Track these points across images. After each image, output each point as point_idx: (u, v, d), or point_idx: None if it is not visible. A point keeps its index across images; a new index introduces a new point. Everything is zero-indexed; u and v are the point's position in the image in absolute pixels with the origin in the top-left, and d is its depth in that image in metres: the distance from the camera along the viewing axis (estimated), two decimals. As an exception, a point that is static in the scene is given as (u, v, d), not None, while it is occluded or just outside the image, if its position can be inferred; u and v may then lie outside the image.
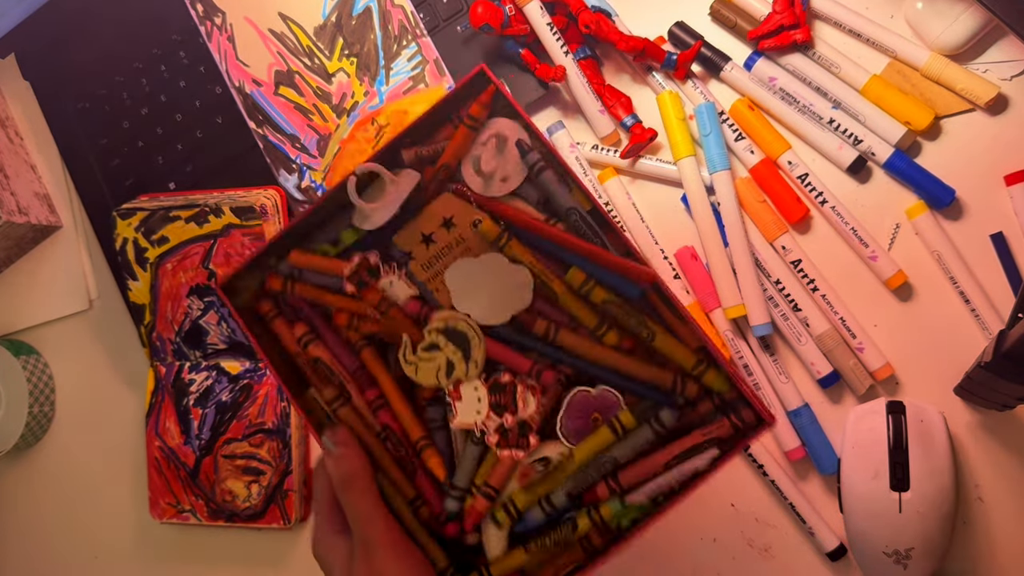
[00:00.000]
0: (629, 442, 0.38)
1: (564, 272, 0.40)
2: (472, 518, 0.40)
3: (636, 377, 0.39)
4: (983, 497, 0.50)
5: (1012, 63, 0.50)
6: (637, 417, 0.38)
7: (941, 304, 0.50)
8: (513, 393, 0.39)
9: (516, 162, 0.40)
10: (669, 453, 0.38)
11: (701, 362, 0.39)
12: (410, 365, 0.40)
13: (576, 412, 0.39)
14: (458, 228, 0.41)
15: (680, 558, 0.55)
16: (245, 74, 0.61)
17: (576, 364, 0.39)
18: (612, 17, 0.55)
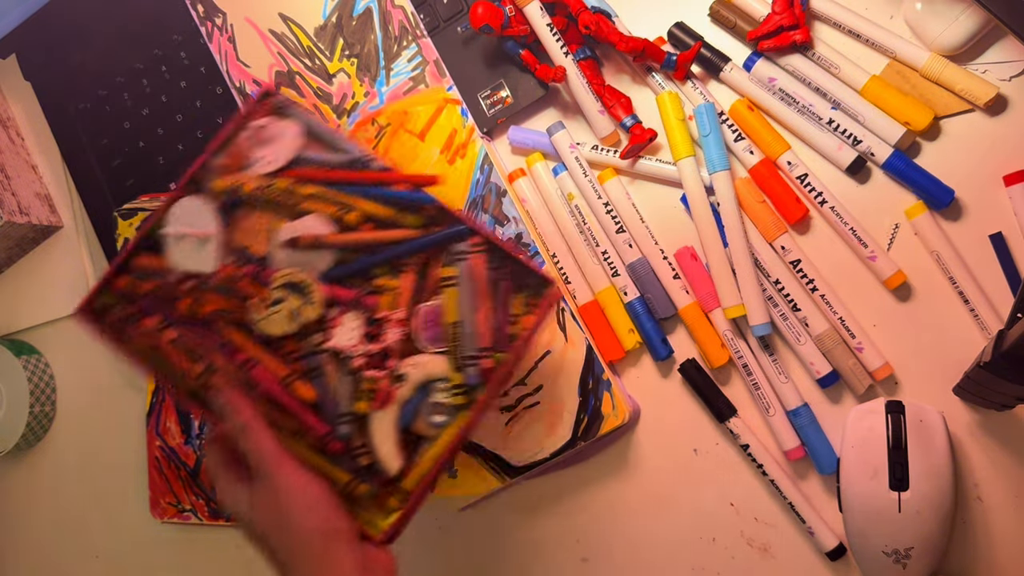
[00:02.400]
0: (466, 286, 0.47)
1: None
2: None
3: (403, 238, 0.48)
4: (982, 497, 0.50)
5: (1011, 63, 0.50)
6: (449, 264, 0.47)
7: (940, 304, 0.50)
8: (379, 325, 0.47)
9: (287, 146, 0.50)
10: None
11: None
12: (261, 321, 0.48)
13: (428, 322, 0.47)
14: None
15: (679, 557, 0.55)
16: (246, 75, 0.61)
17: (367, 263, 0.48)
18: (612, 18, 0.55)
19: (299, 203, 0.48)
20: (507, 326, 0.47)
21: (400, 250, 0.47)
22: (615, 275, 0.55)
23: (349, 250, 0.48)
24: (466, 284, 0.47)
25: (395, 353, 0.47)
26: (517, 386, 0.55)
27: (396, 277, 0.48)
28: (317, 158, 0.49)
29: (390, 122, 0.58)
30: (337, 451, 0.46)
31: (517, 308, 0.47)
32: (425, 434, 0.46)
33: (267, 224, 0.49)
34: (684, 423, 0.55)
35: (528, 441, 0.55)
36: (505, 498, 0.59)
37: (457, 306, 0.47)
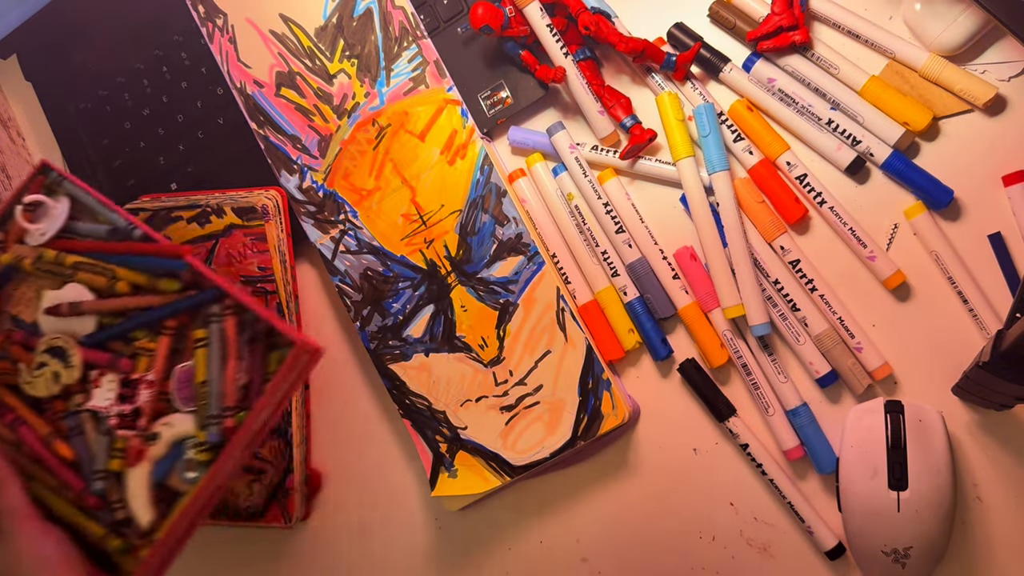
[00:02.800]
0: (215, 347, 0.50)
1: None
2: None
3: (159, 304, 0.51)
4: (981, 496, 0.50)
5: (1010, 64, 0.50)
6: (201, 327, 0.51)
7: (939, 304, 0.50)
8: (134, 387, 0.51)
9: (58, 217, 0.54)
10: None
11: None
12: (28, 384, 0.52)
13: (181, 383, 0.50)
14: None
15: (679, 557, 0.55)
16: (246, 75, 0.61)
17: (124, 328, 0.51)
18: (612, 18, 0.55)
19: (65, 272, 0.52)
20: (260, 384, 0.50)
21: (156, 314, 0.51)
22: (615, 275, 0.55)
23: (109, 315, 0.52)
24: (216, 345, 0.50)
25: (148, 413, 0.50)
26: (517, 386, 0.55)
27: (155, 340, 0.51)
28: (83, 228, 0.53)
29: (390, 123, 0.58)
30: (93, 506, 0.50)
31: (272, 366, 0.50)
32: (179, 489, 0.50)
33: (36, 293, 0.53)
34: (684, 423, 0.55)
35: (528, 441, 0.55)
36: (505, 498, 0.59)
37: (206, 366, 0.50)
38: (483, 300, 0.56)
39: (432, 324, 0.57)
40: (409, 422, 0.58)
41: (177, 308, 0.51)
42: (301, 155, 0.60)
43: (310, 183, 0.60)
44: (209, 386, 0.50)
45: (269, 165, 0.61)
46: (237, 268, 0.60)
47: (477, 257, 0.56)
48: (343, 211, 0.59)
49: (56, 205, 0.54)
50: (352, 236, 0.59)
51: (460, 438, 0.57)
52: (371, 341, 0.58)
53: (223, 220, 0.59)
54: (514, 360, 0.55)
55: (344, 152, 0.59)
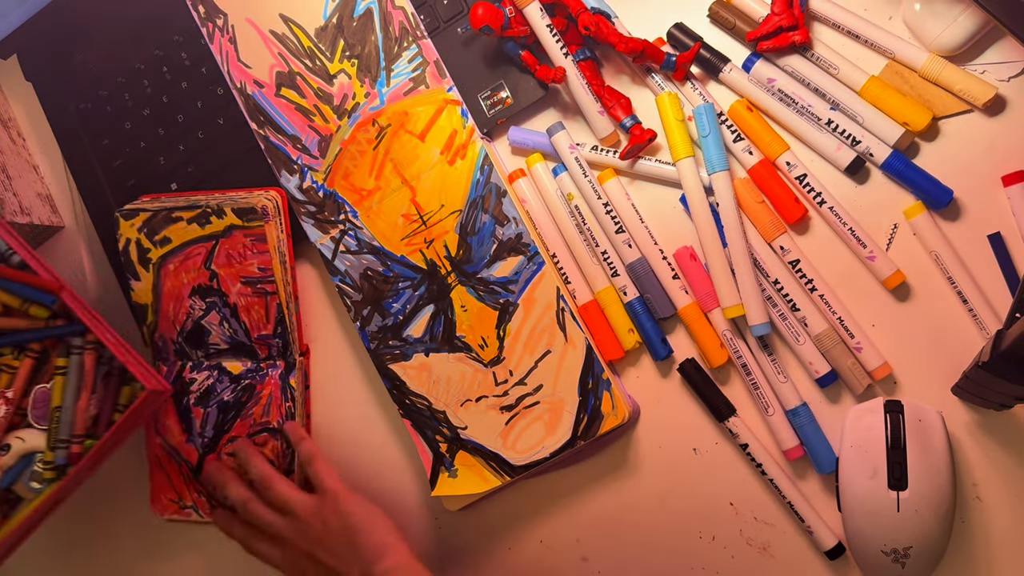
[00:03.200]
0: (73, 377, 0.56)
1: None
2: None
3: (26, 328, 0.57)
4: (981, 496, 0.50)
5: (1010, 64, 0.50)
6: (63, 356, 0.56)
7: (939, 304, 0.50)
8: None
9: None
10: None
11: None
12: None
13: (37, 403, 0.56)
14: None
15: (679, 556, 0.55)
16: (246, 75, 0.61)
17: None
18: (611, 19, 0.55)
19: None
20: (111, 414, 0.57)
21: (22, 337, 0.56)
22: (615, 275, 0.55)
23: None
24: (74, 375, 0.56)
25: (1, 425, 0.55)
26: (517, 386, 0.55)
27: (19, 359, 0.57)
28: None
29: (390, 123, 0.58)
30: None
31: (124, 399, 0.57)
32: (23, 496, 0.56)
33: None
34: (683, 423, 0.55)
35: (528, 440, 0.55)
36: (505, 498, 0.59)
37: (62, 393, 0.56)
38: (483, 300, 0.56)
39: (432, 324, 0.57)
40: (409, 422, 0.58)
41: (42, 335, 0.57)
42: (301, 155, 0.60)
43: (310, 183, 0.60)
44: (62, 412, 0.56)
45: (269, 165, 0.61)
46: (237, 269, 0.60)
47: (477, 257, 0.56)
48: (343, 211, 0.59)
49: None
50: (352, 236, 0.59)
51: (460, 438, 0.57)
52: (371, 341, 0.58)
53: (223, 221, 0.59)
54: (514, 360, 0.56)
55: (344, 152, 0.59)
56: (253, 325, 0.60)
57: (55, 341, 0.58)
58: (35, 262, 0.57)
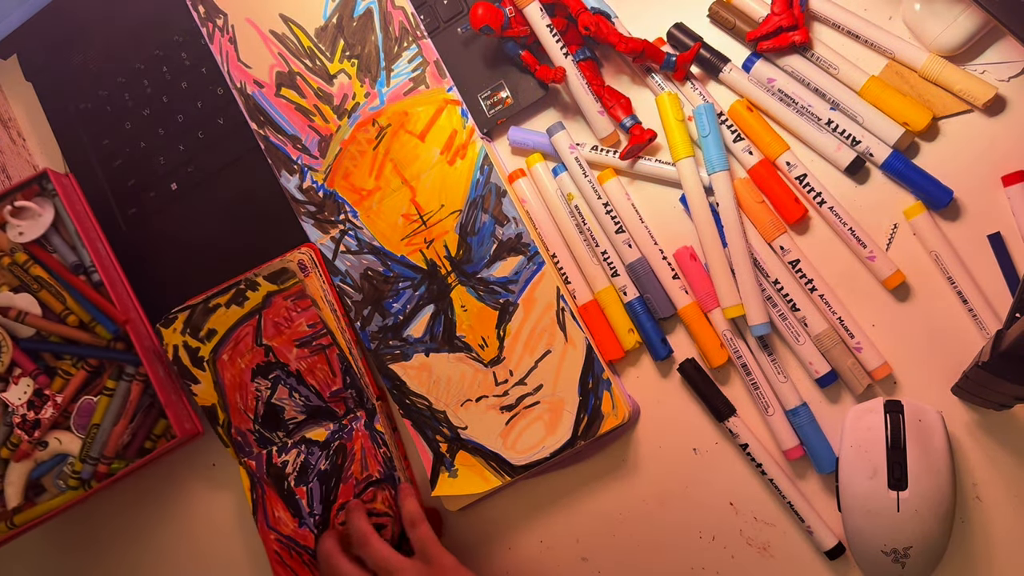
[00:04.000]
0: (117, 401, 0.60)
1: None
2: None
3: (88, 343, 0.61)
4: (981, 496, 0.50)
5: (1010, 64, 0.50)
6: (114, 378, 0.61)
7: (939, 304, 0.50)
8: (43, 400, 0.60)
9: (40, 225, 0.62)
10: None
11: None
12: None
13: (81, 412, 0.60)
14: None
15: (679, 556, 0.55)
16: (246, 75, 0.61)
17: (53, 348, 0.61)
18: (611, 19, 0.55)
19: (27, 278, 0.60)
20: (144, 441, 0.61)
21: (84, 351, 0.61)
22: (615, 275, 0.55)
23: (47, 333, 0.61)
24: (118, 400, 0.60)
25: (44, 427, 0.60)
26: (517, 386, 0.55)
27: (75, 368, 0.61)
28: (57, 245, 0.62)
29: (390, 123, 0.58)
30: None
31: (160, 430, 0.61)
32: (47, 488, 0.61)
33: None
34: (683, 423, 0.55)
35: (528, 440, 0.55)
36: (505, 498, 0.59)
37: (104, 413, 0.60)
38: (483, 300, 0.56)
39: (432, 324, 0.57)
40: (409, 422, 0.58)
41: (100, 354, 0.61)
42: (301, 155, 0.60)
43: (310, 183, 0.60)
44: (99, 431, 0.60)
45: (269, 165, 0.61)
46: (288, 334, 0.59)
47: (477, 257, 0.56)
48: (343, 211, 0.59)
49: (42, 214, 0.61)
50: (352, 236, 0.59)
51: (460, 438, 0.57)
52: (371, 341, 0.58)
53: (259, 292, 0.59)
54: (514, 360, 0.56)
55: (344, 152, 0.59)
56: (322, 385, 0.59)
57: (110, 362, 0.61)
58: (112, 286, 0.61)
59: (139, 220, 0.66)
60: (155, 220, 0.65)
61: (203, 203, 0.64)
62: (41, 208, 0.61)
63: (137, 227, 0.66)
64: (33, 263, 0.61)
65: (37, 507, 0.60)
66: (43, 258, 0.61)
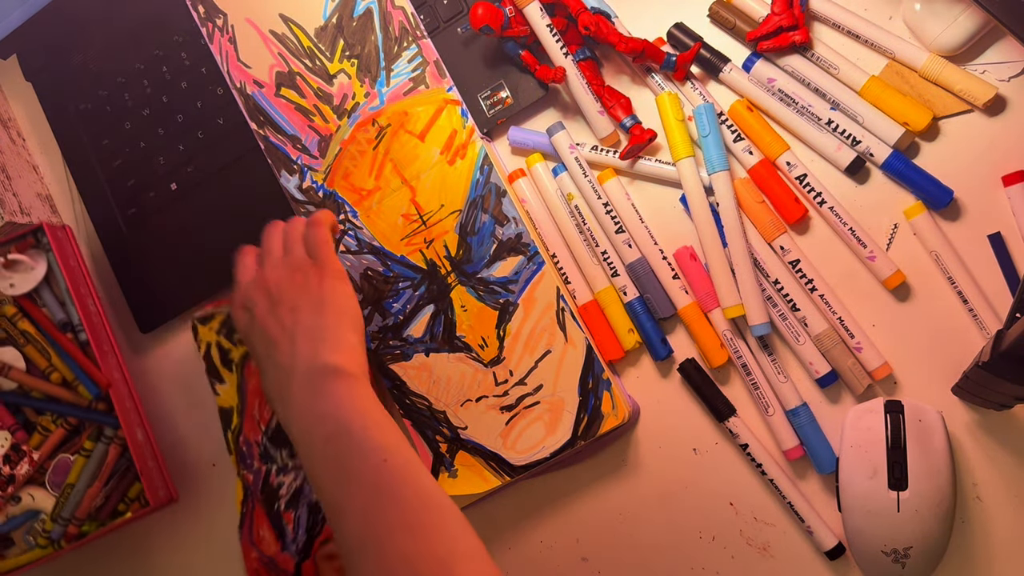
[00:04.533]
0: (93, 463, 0.59)
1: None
2: None
3: (69, 401, 0.60)
4: (981, 496, 0.50)
5: (1010, 64, 0.50)
6: (92, 440, 0.60)
7: (939, 304, 0.50)
8: (19, 455, 0.59)
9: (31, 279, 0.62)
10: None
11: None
12: None
13: (57, 470, 0.60)
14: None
15: (678, 557, 0.55)
16: (246, 75, 0.61)
17: (34, 403, 0.61)
18: (611, 19, 0.55)
19: (13, 332, 0.60)
20: (118, 503, 0.60)
21: (64, 409, 0.60)
22: (615, 275, 0.55)
23: (29, 388, 0.60)
24: (95, 462, 0.59)
25: (18, 484, 0.59)
26: (517, 386, 0.55)
27: (55, 425, 0.61)
28: (47, 299, 0.62)
29: (390, 123, 0.58)
30: None
31: (134, 493, 0.60)
32: (16, 542, 0.60)
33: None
34: (683, 423, 0.55)
35: (528, 441, 0.55)
36: (505, 498, 0.59)
37: (79, 474, 0.59)
38: (483, 300, 0.56)
39: (432, 324, 0.57)
40: (409, 422, 0.58)
41: (80, 414, 0.61)
42: (301, 155, 0.60)
43: (310, 183, 0.60)
44: (73, 492, 0.59)
45: (269, 165, 0.61)
46: None
47: (477, 257, 0.56)
48: (343, 211, 0.59)
49: (35, 268, 0.61)
50: (352, 236, 0.59)
51: (460, 438, 0.57)
52: (371, 341, 0.58)
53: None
54: (514, 360, 0.56)
55: (344, 152, 0.59)
56: None
57: (90, 422, 0.61)
58: (98, 347, 0.60)
59: (139, 220, 0.66)
60: (155, 220, 0.65)
61: (203, 203, 0.64)
62: (34, 261, 0.61)
63: (137, 227, 0.66)
64: (22, 317, 0.61)
65: (5, 561, 0.60)
66: (32, 312, 0.61)
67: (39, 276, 0.61)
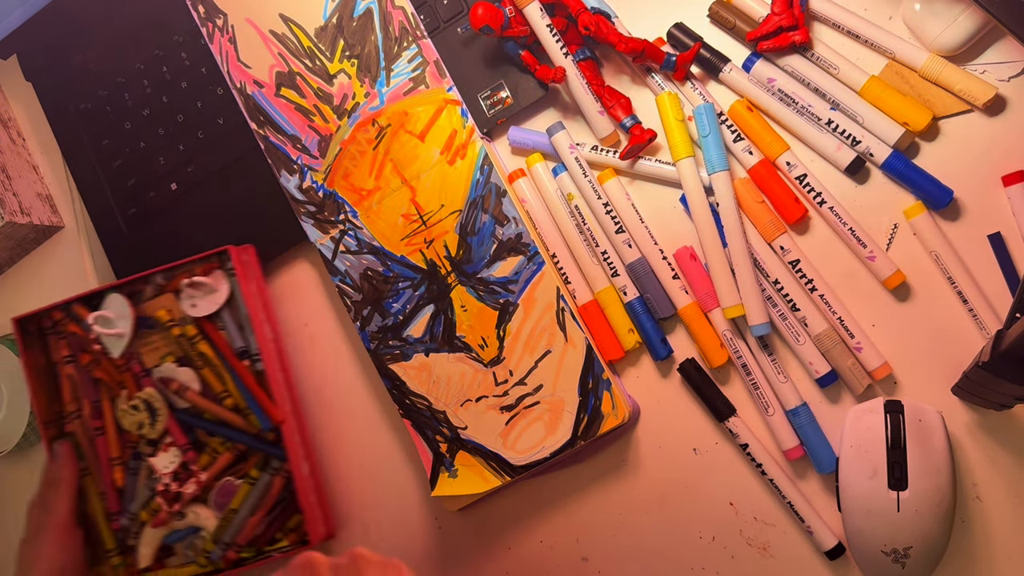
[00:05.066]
0: (256, 492, 0.59)
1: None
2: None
3: (240, 427, 0.60)
4: (981, 496, 0.50)
5: (1010, 64, 0.50)
6: (259, 468, 0.60)
7: (939, 304, 0.50)
8: (188, 474, 0.60)
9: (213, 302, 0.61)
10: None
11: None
12: (121, 411, 0.61)
13: (222, 492, 0.60)
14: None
15: (678, 557, 0.55)
16: (246, 75, 0.61)
17: (207, 426, 0.61)
18: (611, 19, 0.55)
19: (192, 353, 0.60)
20: (277, 531, 0.60)
21: (234, 435, 0.60)
22: (615, 275, 0.55)
23: (201, 410, 0.60)
24: (258, 491, 0.59)
25: (184, 502, 0.60)
26: (517, 386, 0.55)
27: (223, 448, 0.60)
28: (227, 322, 0.61)
29: (390, 123, 0.58)
30: (116, 528, 0.61)
31: (293, 523, 0.60)
32: (176, 553, 0.61)
33: (163, 349, 0.61)
34: (683, 423, 0.55)
35: (528, 441, 0.55)
36: (505, 498, 0.59)
37: (243, 499, 0.59)
38: (483, 300, 0.56)
39: (432, 324, 0.57)
40: (409, 422, 0.58)
41: (250, 442, 0.60)
42: (301, 155, 0.60)
43: (310, 183, 0.60)
44: (235, 517, 0.59)
45: (269, 165, 0.61)
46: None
47: (477, 257, 0.56)
48: (343, 211, 0.59)
49: (217, 291, 0.60)
50: (352, 236, 0.59)
51: (460, 438, 0.57)
52: (371, 341, 0.58)
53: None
54: (514, 360, 0.56)
55: (344, 152, 0.59)
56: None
57: (257, 452, 0.61)
58: (273, 378, 0.59)
59: (139, 220, 0.66)
60: (155, 220, 0.65)
61: (203, 203, 0.64)
62: (217, 284, 0.60)
63: (137, 227, 0.66)
64: (202, 338, 0.60)
65: (164, 571, 0.61)
66: (212, 335, 0.60)
67: (221, 300, 0.60)
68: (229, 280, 0.60)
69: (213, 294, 0.60)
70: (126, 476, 0.61)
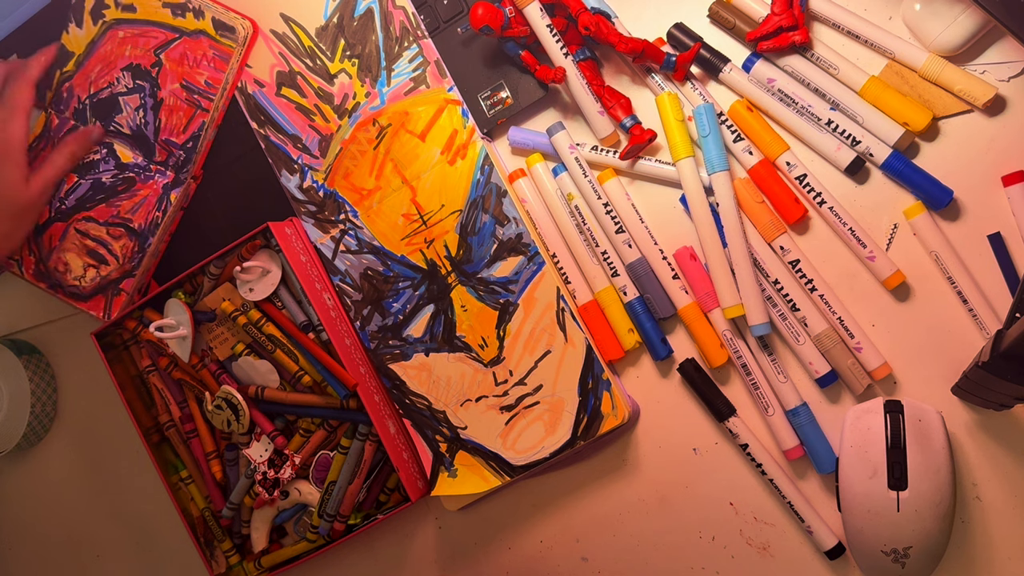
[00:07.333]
0: (351, 460, 0.59)
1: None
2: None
3: (323, 406, 0.60)
4: (981, 496, 0.50)
5: (1010, 64, 0.50)
6: (349, 437, 0.59)
7: (939, 304, 0.50)
8: (283, 459, 0.60)
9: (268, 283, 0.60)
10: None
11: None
12: (209, 412, 0.61)
13: (319, 466, 0.60)
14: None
15: (679, 556, 0.55)
16: (247, 75, 0.61)
17: (289, 410, 0.61)
18: (611, 19, 0.55)
19: (259, 337, 0.59)
20: (379, 495, 0.60)
21: (320, 412, 0.60)
22: (615, 275, 0.55)
23: (283, 400, 0.60)
24: (352, 459, 0.59)
25: (283, 486, 0.60)
26: (517, 386, 0.55)
27: (314, 426, 0.61)
28: (287, 305, 0.60)
29: (391, 122, 0.58)
30: (225, 524, 0.62)
31: (392, 483, 0.60)
32: (289, 532, 0.62)
33: (231, 340, 0.61)
34: (683, 423, 0.55)
35: (528, 440, 0.55)
36: (505, 498, 0.59)
37: (340, 470, 0.59)
38: (483, 300, 0.56)
39: (432, 324, 0.57)
40: (409, 422, 0.58)
41: (334, 415, 0.60)
42: (302, 155, 0.60)
43: (311, 183, 0.60)
44: (335, 489, 0.59)
45: (270, 164, 0.61)
46: (184, 71, 0.60)
47: (477, 257, 0.56)
48: (343, 211, 0.59)
49: (270, 271, 0.59)
50: (352, 236, 0.59)
51: (460, 438, 0.57)
52: (371, 341, 0.58)
53: (198, 23, 0.58)
54: (514, 360, 0.56)
55: (345, 152, 0.59)
56: (167, 127, 0.59)
57: (345, 422, 0.60)
58: (339, 344, 0.57)
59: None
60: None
61: (203, 202, 0.64)
62: (268, 264, 0.59)
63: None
64: (266, 321, 0.59)
65: (282, 551, 0.61)
66: (275, 316, 0.59)
67: (275, 280, 0.59)
68: (278, 258, 0.59)
69: (267, 276, 0.59)
70: (225, 468, 0.62)
